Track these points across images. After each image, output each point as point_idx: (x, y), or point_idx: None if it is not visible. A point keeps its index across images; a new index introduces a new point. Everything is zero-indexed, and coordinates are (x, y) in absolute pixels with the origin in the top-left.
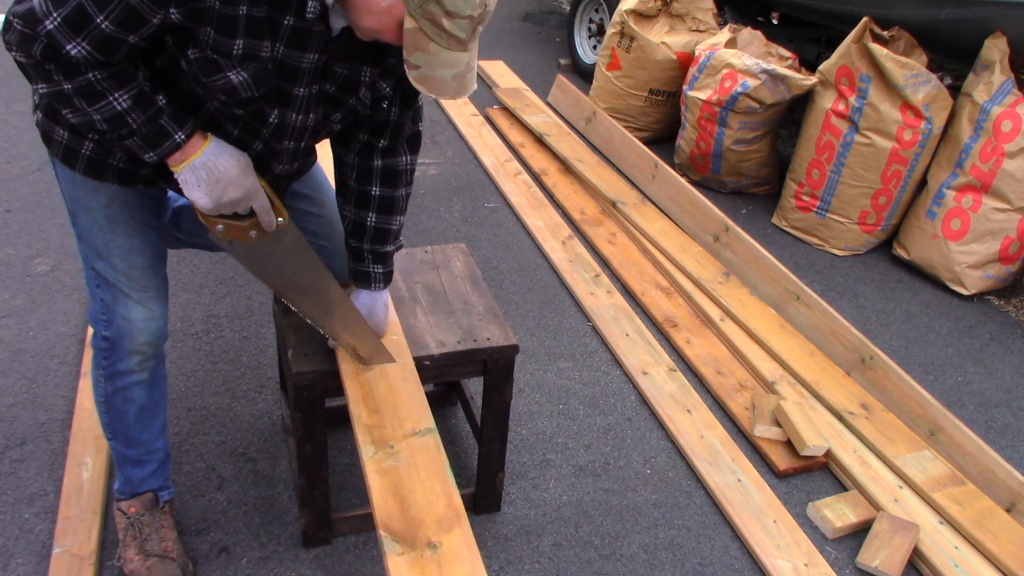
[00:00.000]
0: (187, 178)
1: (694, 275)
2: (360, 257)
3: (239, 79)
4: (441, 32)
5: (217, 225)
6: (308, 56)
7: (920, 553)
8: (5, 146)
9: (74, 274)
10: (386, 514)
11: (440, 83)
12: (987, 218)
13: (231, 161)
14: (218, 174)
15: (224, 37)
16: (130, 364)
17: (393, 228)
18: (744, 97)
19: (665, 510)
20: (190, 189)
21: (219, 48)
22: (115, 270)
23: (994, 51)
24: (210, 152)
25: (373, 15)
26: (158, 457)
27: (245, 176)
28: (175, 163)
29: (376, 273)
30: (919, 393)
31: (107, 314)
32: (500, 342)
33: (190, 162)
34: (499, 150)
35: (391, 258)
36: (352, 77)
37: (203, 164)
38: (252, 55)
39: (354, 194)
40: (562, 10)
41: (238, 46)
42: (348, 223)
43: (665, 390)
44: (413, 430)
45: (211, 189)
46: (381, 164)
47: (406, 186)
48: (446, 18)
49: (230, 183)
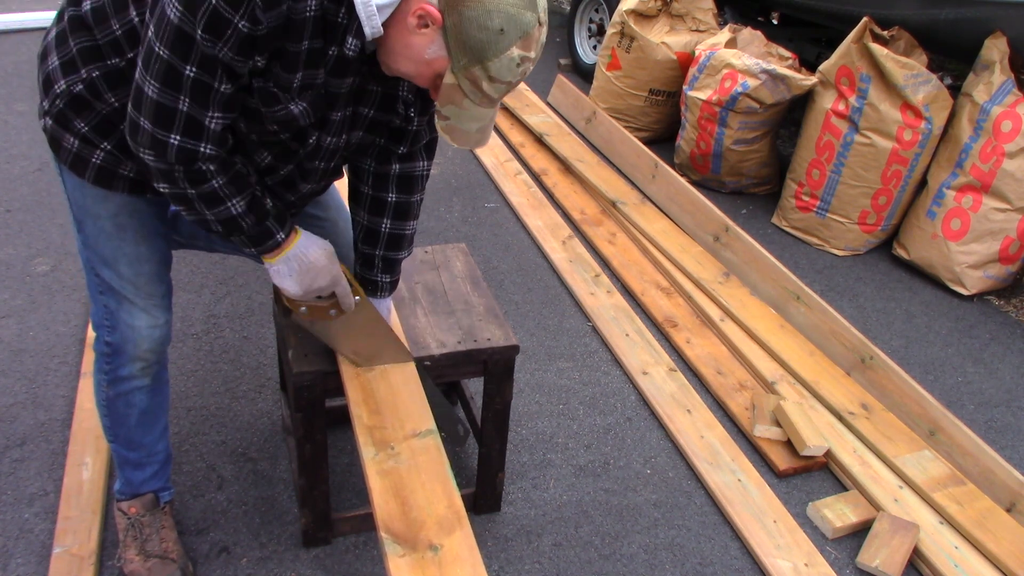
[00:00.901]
0: (280, 269)
1: (694, 275)
2: (370, 264)
3: (299, 109)
4: (478, 92)
5: (301, 308)
6: (347, 81)
7: (920, 553)
8: (5, 146)
9: (74, 274)
10: (387, 515)
11: (464, 134)
12: (987, 218)
13: (319, 252)
14: (308, 264)
15: (287, 72)
16: (133, 370)
17: (407, 234)
18: (744, 97)
19: (665, 510)
20: (282, 279)
21: (280, 82)
22: (121, 278)
23: (994, 51)
24: (301, 245)
25: (412, 63)
26: (159, 459)
27: (332, 264)
28: (270, 257)
29: (383, 282)
30: (919, 393)
31: (111, 320)
32: (500, 342)
33: (284, 255)
34: (499, 150)
35: (399, 266)
36: (388, 94)
37: (295, 256)
38: (309, 85)
39: (368, 200)
40: (562, 10)
41: (297, 79)
42: (360, 229)
43: (665, 390)
44: (414, 431)
45: (302, 279)
46: (398, 169)
47: (421, 191)
48: (487, 82)
49: (319, 272)
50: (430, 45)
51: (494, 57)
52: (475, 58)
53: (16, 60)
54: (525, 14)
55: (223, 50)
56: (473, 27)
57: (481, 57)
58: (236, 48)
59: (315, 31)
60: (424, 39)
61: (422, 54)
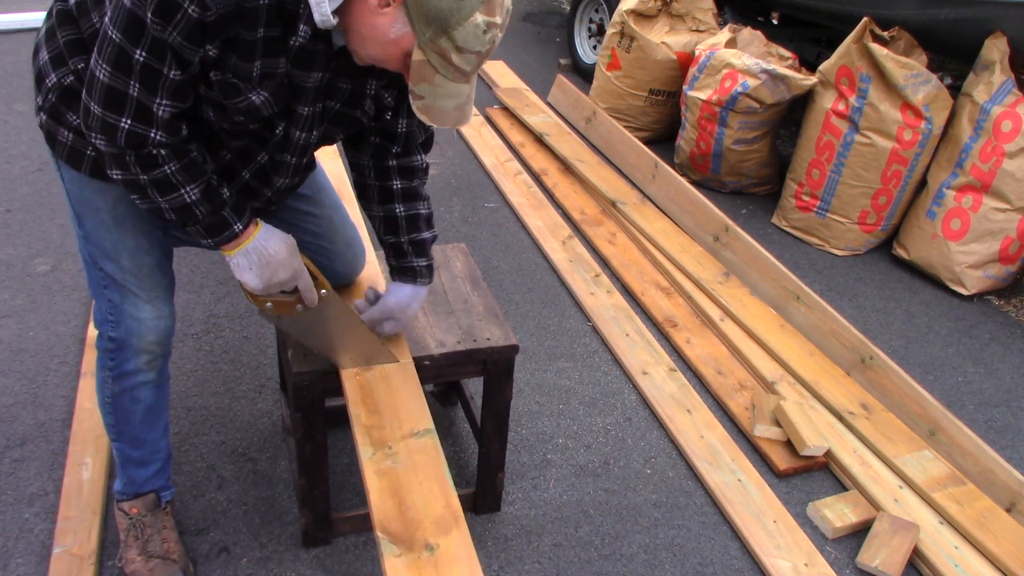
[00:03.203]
0: (239, 262)
1: (694, 275)
2: (401, 252)
3: (260, 99)
4: (449, 66)
5: (266, 303)
6: (313, 75)
7: (920, 553)
8: (5, 146)
9: (74, 274)
10: (384, 515)
11: (442, 113)
12: (987, 218)
13: (280, 245)
14: (268, 257)
15: (244, 61)
16: (138, 364)
17: (422, 213)
18: (744, 97)
19: (665, 510)
20: (242, 272)
21: (239, 72)
22: (123, 270)
23: (994, 51)
24: (261, 237)
25: (379, 45)
26: (161, 457)
27: (293, 258)
28: (229, 249)
29: (420, 267)
30: (919, 393)
31: (115, 314)
32: (500, 342)
33: (243, 247)
34: (499, 150)
35: (430, 247)
36: (356, 91)
37: (255, 249)
38: (270, 74)
39: (376, 191)
40: (562, 10)
41: (256, 68)
42: (379, 222)
43: (665, 390)
44: (412, 431)
45: (262, 272)
46: (396, 164)
47: (421, 178)
48: (456, 53)
49: (279, 265)
50: (394, 23)
51: (458, 25)
52: (440, 28)
53: (16, 60)
54: None
55: (173, 35)
56: None
57: (445, 26)
58: (186, 34)
59: (271, 19)
60: (387, 18)
61: (387, 34)
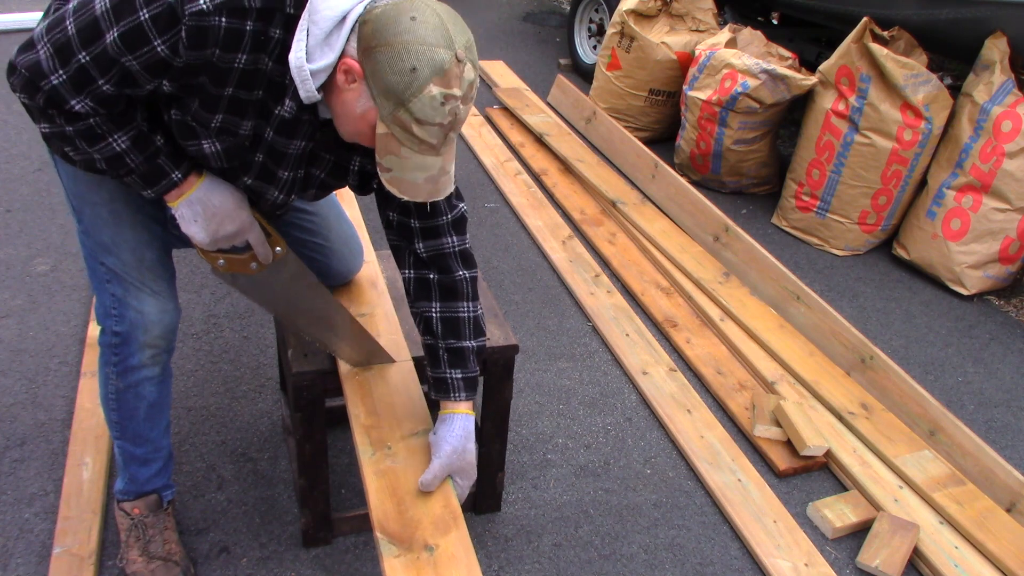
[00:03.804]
0: (183, 213)
1: (694, 275)
2: (435, 358)
3: (211, 150)
4: (412, 138)
5: (218, 260)
6: (295, 143)
7: (920, 553)
8: (5, 146)
9: (74, 274)
10: (383, 515)
11: (412, 185)
12: (987, 218)
13: (225, 196)
14: (213, 209)
15: (205, 111)
16: (142, 358)
17: (462, 316)
18: (744, 97)
19: (665, 510)
20: (187, 224)
21: (199, 119)
22: (125, 264)
23: (994, 51)
24: (205, 188)
25: (351, 121)
26: (163, 456)
27: (239, 210)
28: (171, 199)
29: (454, 379)
30: (919, 393)
31: (118, 308)
32: (500, 342)
33: (186, 198)
34: (499, 150)
35: (471, 358)
36: (340, 163)
37: (198, 199)
38: (230, 131)
39: (413, 283)
40: (562, 10)
41: (216, 120)
42: (418, 319)
43: (665, 390)
44: (411, 431)
45: (207, 224)
46: (423, 248)
47: (464, 269)
48: (416, 125)
49: (225, 217)
50: (359, 98)
51: (413, 98)
52: (396, 101)
53: None
54: (437, 51)
55: (131, 62)
56: (386, 70)
57: (400, 99)
58: (146, 66)
59: (243, 82)
60: (353, 94)
61: (355, 109)
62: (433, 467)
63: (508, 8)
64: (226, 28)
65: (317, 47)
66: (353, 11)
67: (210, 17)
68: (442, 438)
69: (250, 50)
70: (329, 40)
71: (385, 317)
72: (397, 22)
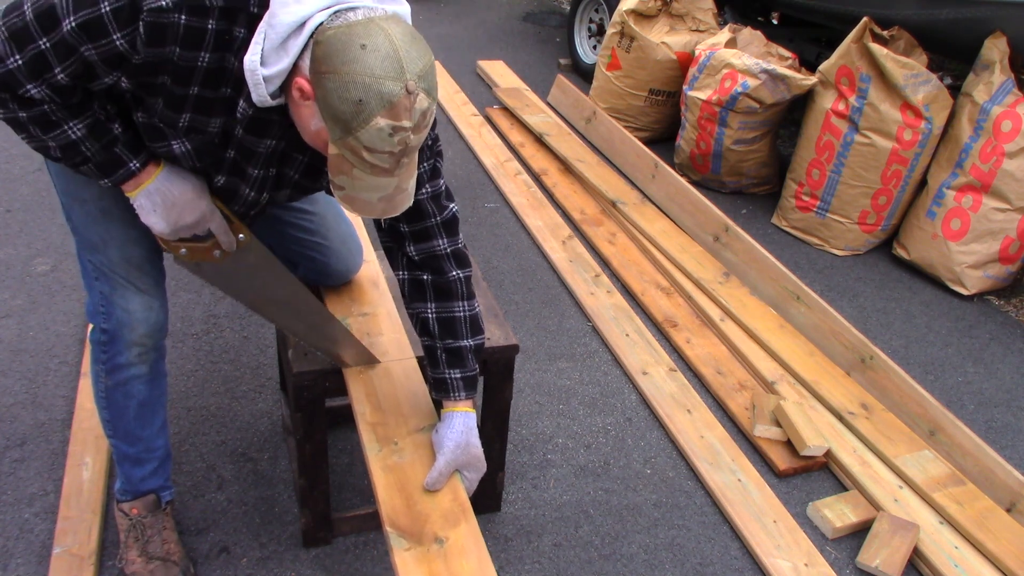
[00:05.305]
0: (142, 204)
1: (694, 275)
2: (434, 358)
3: (181, 149)
4: (363, 162)
5: (180, 249)
6: (265, 142)
7: (920, 553)
8: (5, 146)
9: (74, 274)
10: (392, 510)
11: (366, 203)
12: (987, 218)
13: (185, 185)
14: (173, 198)
15: (171, 111)
16: (129, 357)
17: (458, 315)
18: (744, 97)
19: (665, 510)
20: (146, 215)
21: (165, 119)
22: (112, 262)
23: (994, 51)
24: (163, 178)
25: (308, 134)
26: (158, 455)
27: (199, 199)
28: (129, 189)
29: (453, 379)
30: (919, 393)
31: (106, 306)
32: (500, 342)
33: (144, 188)
34: (499, 150)
35: (470, 358)
36: (313, 166)
37: (157, 190)
38: (198, 129)
39: (407, 284)
40: (562, 10)
41: (184, 119)
42: (415, 320)
43: (665, 390)
44: (417, 427)
45: (167, 214)
46: (414, 250)
47: (458, 270)
48: (366, 152)
49: (185, 206)
50: (313, 117)
51: (359, 129)
52: (344, 129)
53: None
54: (385, 83)
55: (91, 51)
56: (334, 99)
57: (347, 128)
58: (104, 57)
59: (209, 80)
60: (308, 110)
61: (310, 125)
62: (438, 465)
63: (508, 8)
64: (186, 26)
65: (272, 52)
66: (312, 19)
67: (169, 14)
68: (444, 436)
69: (213, 49)
70: (285, 45)
71: (388, 316)
72: (346, 50)
